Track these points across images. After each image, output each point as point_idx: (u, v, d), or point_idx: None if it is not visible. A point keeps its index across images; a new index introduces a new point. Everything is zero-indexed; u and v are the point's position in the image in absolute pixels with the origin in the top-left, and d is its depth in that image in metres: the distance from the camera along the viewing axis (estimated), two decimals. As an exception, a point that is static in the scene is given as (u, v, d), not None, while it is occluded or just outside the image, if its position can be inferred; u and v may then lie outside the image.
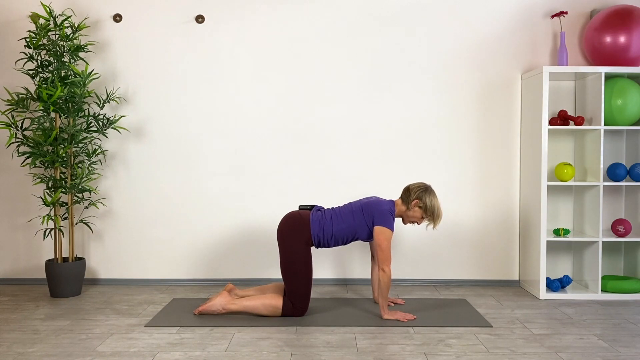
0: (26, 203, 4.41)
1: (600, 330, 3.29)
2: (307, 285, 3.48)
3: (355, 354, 2.89)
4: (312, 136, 4.35)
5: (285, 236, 3.51)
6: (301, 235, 3.49)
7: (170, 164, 4.37)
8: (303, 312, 3.50)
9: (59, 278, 3.98)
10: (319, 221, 3.51)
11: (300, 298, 3.48)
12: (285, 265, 3.49)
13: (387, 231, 3.44)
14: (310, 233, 3.50)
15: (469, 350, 2.94)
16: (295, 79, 4.34)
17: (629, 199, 4.30)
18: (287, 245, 3.49)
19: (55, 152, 3.96)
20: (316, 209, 3.63)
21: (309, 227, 3.50)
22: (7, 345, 3.04)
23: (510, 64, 4.33)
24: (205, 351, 2.93)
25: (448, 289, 4.26)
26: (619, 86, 3.99)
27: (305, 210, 3.63)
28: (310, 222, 3.51)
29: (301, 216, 3.54)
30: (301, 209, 3.67)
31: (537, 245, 4.03)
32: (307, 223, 3.51)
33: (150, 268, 4.41)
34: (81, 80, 3.97)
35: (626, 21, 3.98)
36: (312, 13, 4.33)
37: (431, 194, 3.53)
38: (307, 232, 3.50)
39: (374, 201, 3.54)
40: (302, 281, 3.47)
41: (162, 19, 4.34)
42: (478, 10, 4.32)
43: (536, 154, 4.02)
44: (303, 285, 3.47)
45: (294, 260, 3.46)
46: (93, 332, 3.26)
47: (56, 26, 4.01)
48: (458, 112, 4.34)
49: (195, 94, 4.36)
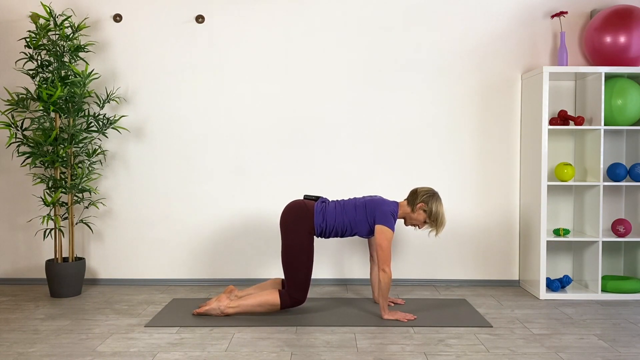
0: (26, 203, 4.41)
1: (600, 330, 3.29)
2: (307, 275, 3.49)
3: (355, 354, 2.89)
4: (312, 136, 4.35)
5: (288, 224, 3.52)
6: (305, 224, 3.50)
7: (170, 164, 4.37)
8: (301, 302, 3.50)
9: (59, 278, 3.98)
10: (322, 212, 3.53)
11: (299, 287, 3.48)
12: (287, 253, 3.49)
13: (388, 231, 3.45)
14: (313, 223, 3.51)
15: (469, 350, 2.94)
16: (295, 78, 4.34)
17: (629, 199, 4.30)
18: (290, 234, 3.50)
19: (55, 152, 3.96)
20: (321, 200, 3.64)
21: (313, 218, 3.51)
22: (7, 345, 3.04)
23: (510, 64, 4.33)
24: (205, 351, 2.93)
25: (448, 289, 4.26)
26: (619, 86, 3.99)
27: (310, 200, 3.64)
28: (314, 213, 3.53)
29: (305, 205, 3.56)
30: (306, 198, 3.67)
31: (537, 245, 4.03)
32: (311, 213, 3.52)
33: (150, 268, 4.41)
34: (81, 80, 3.97)
35: (626, 21, 3.98)
36: (312, 13, 4.33)
37: (437, 200, 3.54)
38: (310, 222, 3.51)
39: (378, 200, 3.55)
40: (302, 270, 3.47)
41: (162, 19, 4.34)
42: (478, 10, 4.32)
43: (536, 154, 4.02)
44: (303, 274, 3.47)
45: (296, 248, 3.47)
46: (93, 332, 3.26)
47: (56, 26, 4.01)
48: (458, 112, 4.34)
49: (195, 94, 4.36)
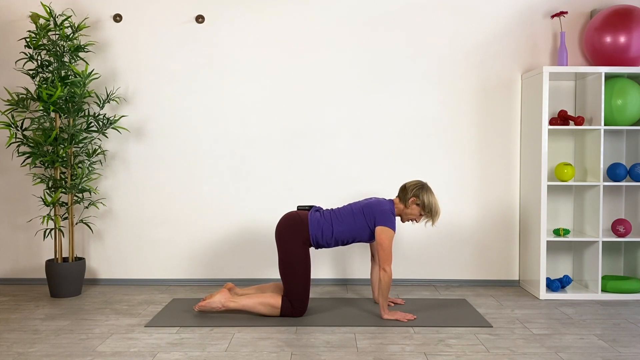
0: (26, 203, 4.41)
1: (600, 330, 3.29)
2: (306, 286, 3.48)
3: (355, 354, 2.89)
4: (312, 136, 4.35)
5: (283, 236, 3.51)
6: (299, 235, 3.49)
7: (170, 163, 4.37)
8: (302, 313, 3.50)
9: (59, 278, 3.98)
10: (317, 222, 3.51)
11: (299, 298, 3.47)
12: (284, 266, 3.48)
13: (389, 231, 3.44)
14: (308, 233, 3.49)
15: (469, 350, 2.94)
16: (295, 78, 4.34)
17: (629, 199, 4.30)
18: (286, 246, 3.48)
19: (55, 152, 3.96)
20: (314, 209, 3.63)
21: (307, 228, 3.50)
22: (7, 345, 3.04)
23: (510, 64, 4.33)
24: (205, 351, 2.93)
25: (448, 289, 4.26)
26: (619, 86, 3.99)
27: (304, 210, 3.63)
28: (309, 222, 3.51)
29: (299, 216, 3.54)
30: (299, 209, 3.67)
31: (537, 245, 4.03)
32: (306, 223, 3.51)
33: (150, 268, 4.41)
34: (81, 80, 3.97)
35: (626, 21, 3.98)
36: (312, 13, 4.33)
37: (428, 191, 3.54)
38: (305, 233, 3.49)
39: (374, 202, 3.54)
40: (301, 281, 3.46)
41: (162, 19, 4.34)
42: (478, 10, 4.32)
43: (536, 154, 4.02)
44: (301, 285, 3.47)
45: (292, 260, 3.46)
46: (93, 332, 3.26)
47: (56, 26, 4.01)
48: (458, 112, 4.34)
49: (195, 94, 4.36)
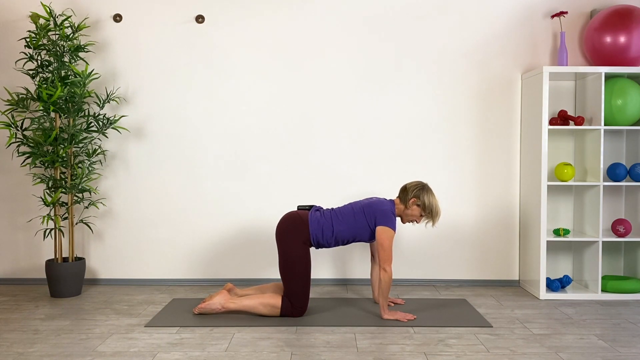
0: (26, 203, 4.41)
1: (600, 330, 3.29)
2: (306, 286, 3.48)
3: (355, 354, 2.89)
4: (312, 136, 4.35)
5: (283, 236, 3.51)
6: (299, 235, 3.49)
7: (170, 163, 4.37)
8: (302, 313, 3.50)
9: (59, 278, 3.98)
10: (317, 221, 3.51)
11: (299, 298, 3.47)
12: (284, 266, 3.48)
13: (390, 230, 3.44)
14: (308, 233, 3.49)
15: (469, 350, 2.94)
16: (295, 78, 4.34)
17: (629, 199, 4.30)
18: (286, 246, 3.48)
19: (55, 152, 3.96)
20: (315, 209, 3.63)
21: (308, 227, 3.50)
22: (7, 345, 3.04)
23: (510, 64, 4.33)
24: (205, 351, 2.93)
25: (448, 289, 4.26)
26: (619, 86, 3.99)
27: (304, 210, 3.63)
28: (309, 222, 3.51)
29: (299, 216, 3.54)
30: (300, 209, 3.67)
31: (537, 245, 4.03)
32: (306, 223, 3.51)
33: (150, 268, 4.41)
34: (81, 80, 3.97)
35: (626, 21, 3.98)
36: (311, 13, 4.33)
37: (428, 191, 3.54)
38: (305, 232, 3.49)
39: (375, 201, 3.54)
40: (301, 281, 3.46)
41: (162, 19, 4.34)
42: (478, 10, 4.32)
43: (536, 154, 4.02)
44: (301, 285, 3.47)
45: (293, 260, 3.46)
46: (93, 332, 3.26)
47: (56, 26, 4.01)
48: (458, 112, 4.34)
49: (195, 94, 4.36)
